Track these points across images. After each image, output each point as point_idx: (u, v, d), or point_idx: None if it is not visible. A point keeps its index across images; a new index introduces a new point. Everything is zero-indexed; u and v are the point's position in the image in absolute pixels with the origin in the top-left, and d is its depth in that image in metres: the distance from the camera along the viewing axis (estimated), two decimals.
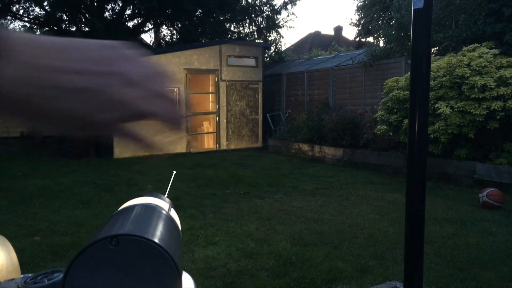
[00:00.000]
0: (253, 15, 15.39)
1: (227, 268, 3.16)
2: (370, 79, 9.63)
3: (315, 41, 27.49)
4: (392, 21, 8.99)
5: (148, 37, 51.50)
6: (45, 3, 12.99)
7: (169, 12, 13.75)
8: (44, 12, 13.26)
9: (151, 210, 0.55)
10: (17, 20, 13.38)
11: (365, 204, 5.12)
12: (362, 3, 11.51)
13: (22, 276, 0.58)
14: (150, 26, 15.67)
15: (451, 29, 7.33)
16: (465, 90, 5.77)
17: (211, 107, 11.01)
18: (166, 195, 0.66)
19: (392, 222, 4.28)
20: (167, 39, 15.93)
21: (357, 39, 15.50)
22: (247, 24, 15.69)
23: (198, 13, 14.47)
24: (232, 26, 15.63)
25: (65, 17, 13.57)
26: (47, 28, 13.69)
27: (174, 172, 1.16)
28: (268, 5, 15.47)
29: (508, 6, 6.60)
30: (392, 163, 7.21)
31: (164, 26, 15.59)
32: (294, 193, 5.79)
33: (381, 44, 9.97)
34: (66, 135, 0.41)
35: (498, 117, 5.55)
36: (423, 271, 1.71)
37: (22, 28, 13.55)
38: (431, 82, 6.10)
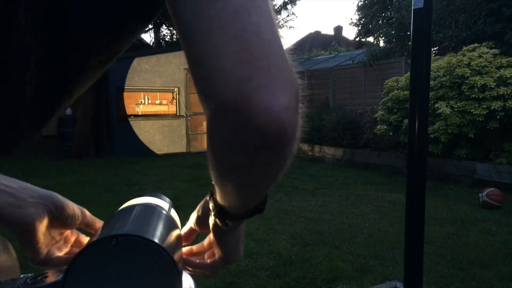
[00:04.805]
0: None
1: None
2: (370, 79, 9.62)
3: (315, 41, 27.48)
4: (392, 21, 8.99)
5: (148, 37, 51.45)
6: None
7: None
8: None
9: (151, 210, 0.55)
10: None
11: (365, 204, 5.12)
12: (362, 3, 11.51)
13: (22, 276, 0.58)
14: (150, 26, 15.66)
15: (451, 29, 7.33)
16: (465, 90, 5.77)
17: None
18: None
19: (392, 222, 4.28)
20: (167, 39, 15.91)
21: (357, 39, 15.49)
22: None
23: None
24: None
25: None
26: None
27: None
28: None
29: (508, 6, 6.60)
30: (392, 163, 7.21)
31: (164, 26, 15.57)
32: (294, 193, 5.79)
33: (381, 44, 9.97)
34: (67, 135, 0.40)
35: (498, 117, 5.54)
36: (423, 271, 1.71)
37: None
38: (431, 82, 6.09)
